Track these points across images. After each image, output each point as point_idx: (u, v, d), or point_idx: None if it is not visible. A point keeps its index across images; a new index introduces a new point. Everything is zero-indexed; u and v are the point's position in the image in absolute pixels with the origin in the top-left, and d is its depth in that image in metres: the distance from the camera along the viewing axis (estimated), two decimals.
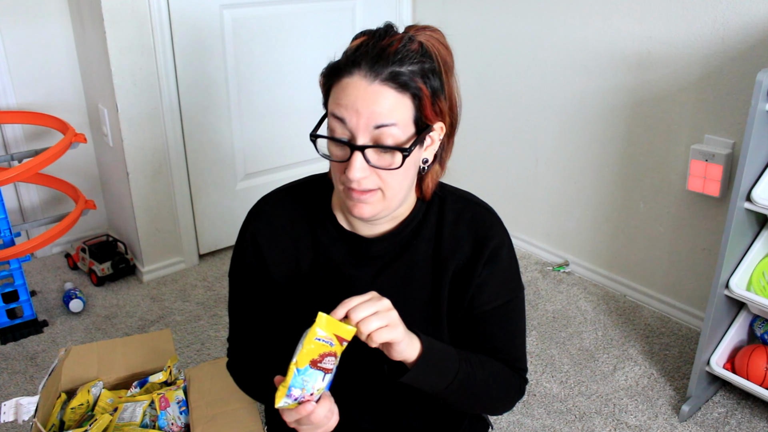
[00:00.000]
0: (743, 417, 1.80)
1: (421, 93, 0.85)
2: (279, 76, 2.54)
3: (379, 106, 0.83)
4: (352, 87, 0.84)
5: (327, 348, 0.79)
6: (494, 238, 0.97)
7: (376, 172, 0.86)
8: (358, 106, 0.83)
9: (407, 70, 0.84)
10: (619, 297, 2.36)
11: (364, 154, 0.84)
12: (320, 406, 0.82)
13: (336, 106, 0.85)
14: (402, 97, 0.84)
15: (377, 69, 0.83)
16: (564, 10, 2.27)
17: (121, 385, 1.38)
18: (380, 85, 0.83)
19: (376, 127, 0.83)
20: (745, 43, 1.83)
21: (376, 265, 0.98)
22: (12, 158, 2.29)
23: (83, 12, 2.27)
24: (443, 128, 0.92)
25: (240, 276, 1.05)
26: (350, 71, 0.84)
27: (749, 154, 1.54)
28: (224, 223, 2.60)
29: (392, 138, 0.84)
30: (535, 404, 1.85)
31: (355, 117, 0.83)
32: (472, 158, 2.76)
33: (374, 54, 0.84)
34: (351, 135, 0.85)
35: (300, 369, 0.78)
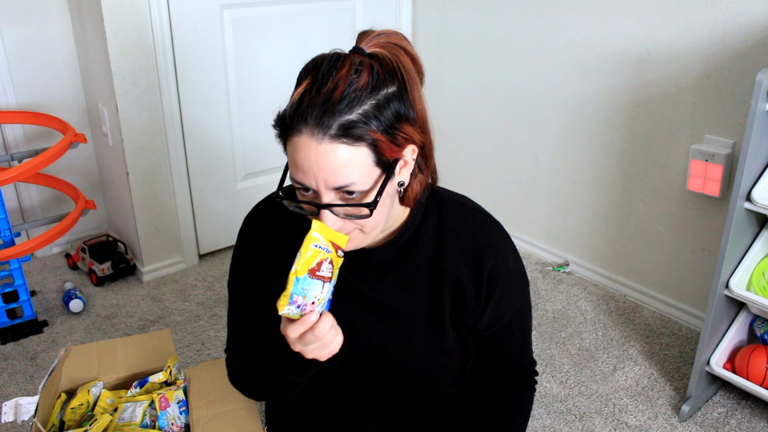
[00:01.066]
0: (743, 417, 1.80)
1: (376, 139, 0.79)
2: (279, 76, 2.54)
3: (331, 167, 0.78)
4: (303, 148, 0.79)
5: (324, 254, 0.79)
6: (493, 254, 0.94)
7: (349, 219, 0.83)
8: (314, 169, 0.79)
9: (357, 116, 0.78)
10: (619, 297, 2.36)
11: (332, 210, 0.81)
12: (323, 320, 0.80)
13: (293, 169, 0.82)
14: (357, 149, 0.78)
15: (324, 123, 0.77)
16: (564, 10, 2.27)
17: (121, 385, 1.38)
18: (330, 143, 0.77)
19: (336, 189, 0.80)
20: (745, 43, 1.83)
21: (377, 273, 0.96)
22: (12, 158, 2.29)
23: (83, 12, 2.27)
24: (415, 149, 0.86)
25: (240, 283, 1.03)
26: (298, 129, 0.79)
27: (749, 154, 1.54)
28: (224, 223, 2.60)
29: (355, 191, 0.81)
30: (535, 404, 1.85)
31: (313, 180, 0.80)
32: (472, 158, 2.76)
33: (319, 105, 0.78)
34: (314, 194, 0.82)
35: (299, 278, 0.77)
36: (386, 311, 0.97)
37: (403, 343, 0.98)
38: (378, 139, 0.79)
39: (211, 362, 1.38)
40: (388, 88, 0.81)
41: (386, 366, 1.00)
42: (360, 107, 0.78)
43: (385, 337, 0.98)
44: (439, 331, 0.97)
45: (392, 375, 1.00)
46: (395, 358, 0.99)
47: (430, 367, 0.99)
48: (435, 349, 0.98)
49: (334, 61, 0.81)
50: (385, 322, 0.97)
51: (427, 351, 0.98)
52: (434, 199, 0.97)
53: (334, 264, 0.80)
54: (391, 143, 0.81)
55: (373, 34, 0.85)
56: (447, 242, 0.95)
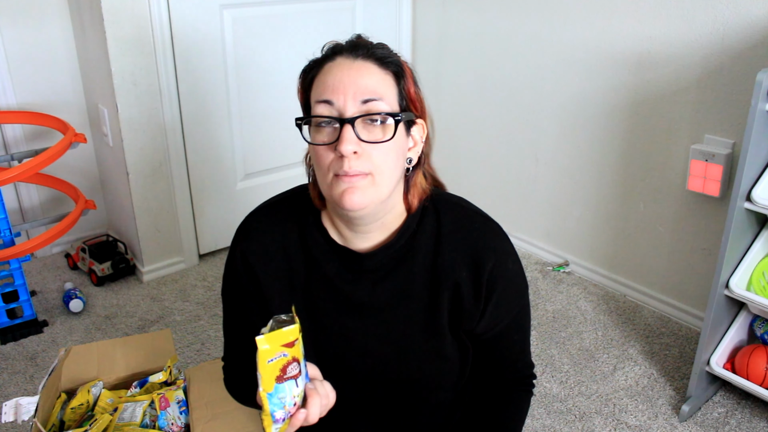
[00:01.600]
0: (743, 417, 1.80)
1: (403, 71, 0.89)
2: (279, 76, 2.54)
3: (364, 79, 0.85)
4: (336, 67, 0.86)
5: (282, 360, 0.77)
6: (492, 256, 0.94)
7: (366, 152, 0.84)
8: (345, 81, 0.85)
9: (384, 52, 0.89)
10: (619, 297, 2.36)
11: (354, 128, 0.83)
12: (311, 406, 0.80)
13: (321, 90, 0.86)
14: (385, 74, 0.87)
15: (357, 51, 0.87)
16: (564, 10, 2.27)
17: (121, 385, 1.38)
18: (363, 61, 0.86)
19: (364, 102, 0.84)
20: (745, 43, 1.83)
21: (372, 279, 0.95)
22: (12, 158, 2.29)
23: (83, 12, 2.27)
24: (424, 128, 0.93)
25: (233, 296, 1.02)
26: (332, 58, 0.88)
27: (749, 154, 1.54)
28: (224, 223, 2.60)
29: (382, 108, 0.85)
30: (535, 404, 1.85)
31: (342, 94, 0.84)
32: (472, 158, 2.76)
33: (352, 43, 0.89)
34: (339, 113, 0.85)
35: (270, 393, 0.77)
36: (382, 317, 0.96)
37: (400, 349, 0.97)
38: (406, 73, 0.89)
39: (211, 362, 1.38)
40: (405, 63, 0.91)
41: (383, 372, 0.99)
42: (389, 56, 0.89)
43: (382, 343, 0.97)
44: (436, 336, 0.96)
45: (389, 381, 0.99)
46: (392, 365, 0.98)
47: (428, 373, 0.98)
48: (432, 355, 0.97)
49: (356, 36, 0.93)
50: (381, 328, 0.96)
51: (424, 357, 0.97)
52: (431, 202, 0.96)
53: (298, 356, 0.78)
54: (414, 88, 0.90)
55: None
56: (445, 246, 0.94)
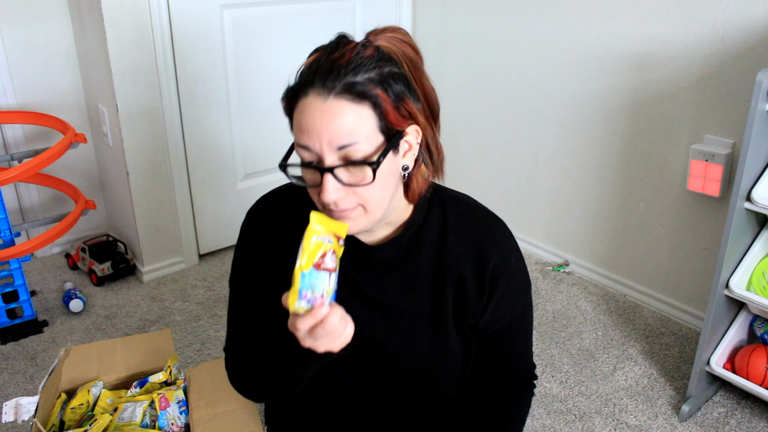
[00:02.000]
0: (743, 417, 1.80)
1: (380, 100, 0.81)
2: (279, 76, 2.53)
3: (336, 124, 0.79)
4: (308, 108, 0.81)
5: (326, 246, 0.79)
6: (496, 251, 0.95)
7: (351, 189, 0.83)
8: (318, 127, 0.80)
9: (363, 79, 0.80)
10: (619, 297, 2.36)
11: (334, 175, 0.81)
12: (332, 313, 0.80)
13: (298, 133, 0.83)
14: (360, 108, 0.80)
15: (330, 84, 0.80)
16: (564, 10, 2.27)
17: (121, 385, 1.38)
18: (335, 101, 0.79)
19: (340, 148, 0.80)
20: (745, 43, 1.83)
21: (378, 272, 0.96)
22: (12, 158, 2.29)
23: (83, 12, 2.27)
24: (419, 131, 0.87)
25: (241, 280, 1.02)
26: (305, 91, 0.81)
27: (749, 154, 1.54)
28: (224, 223, 2.60)
29: (360, 153, 0.81)
30: (535, 404, 1.85)
31: (317, 140, 0.80)
32: (472, 158, 2.76)
33: (326, 69, 0.80)
34: (318, 158, 0.82)
35: (305, 272, 0.77)
36: (389, 309, 0.97)
37: (405, 342, 0.98)
38: (382, 99, 0.81)
39: (211, 362, 1.38)
40: (393, 66, 0.83)
41: (387, 364, 0.99)
42: (365, 73, 0.80)
43: (388, 335, 0.98)
44: (441, 329, 0.97)
45: (393, 374, 1.00)
46: (397, 357, 0.99)
47: (432, 367, 0.99)
48: (437, 348, 0.98)
49: (341, 38, 0.85)
50: (387, 321, 0.97)
51: (429, 350, 0.98)
52: (437, 197, 0.97)
53: (336, 254, 0.81)
54: (395, 109, 0.83)
55: (377, 31, 0.87)
56: (450, 240, 0.95)
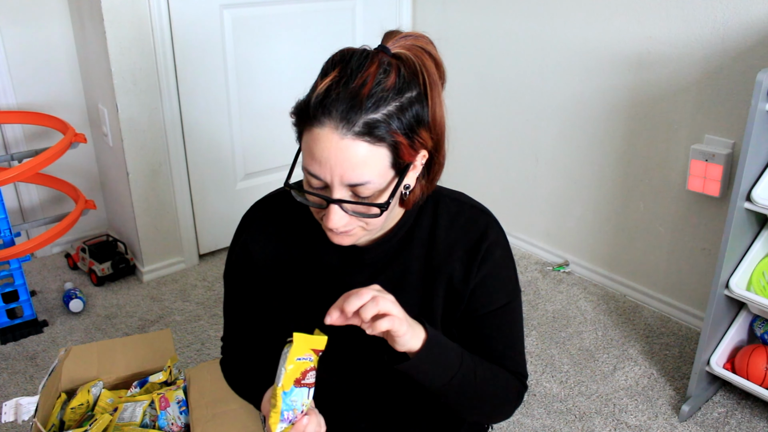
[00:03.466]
0: (743, 417, 1.80)
1: (398, 141, 0.80)
2: (279, 76, 2.54)
3: (350, 163, 0.78)
4: (323, 140, 0.78)
5: (307, 364, 0.80)
6: (487, 239, 0.95)
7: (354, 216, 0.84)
8: (331, 163, 0.79)
9: (382, 116, 0.78)
10: (619, 297, 2.36)
11: (341, 206, 0.82)
12: (310, 423, 0.83)
13: (309, 160, 0.81)
14: (377, 148, 0.79)
15: (350, 119, 0.77)
16: (564, 10, 2.27)
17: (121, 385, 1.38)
18: (352, 140, 0.77)
19: (351, 186, 0.80)
20: (745, 43, 1.83)
21: (370, 271, 0.97)
22: (12, 158, 2.29)
23: (83, 12, 2.27)
24: (425, 155, 0.87)
25: (234, 282, 1.05)
26: (320, 120, 0.78)
27: (749, 154, 1.54)
28: (224, 223, 2.60)
29: (369, 191, 0.81)
30: (535, 404, 1.85)
31: (329, 174, 0.80)
32: (472, 158, 2.76)
33: (346, 100, 0.77)
34: (325, 186, 0.82)
35: (286, 392, 0.79)
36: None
37: None
38: (399, 141, 0.80)
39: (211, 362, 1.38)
40: (412, 91, 0.81)
41: (376, 365, 0.99)
42: (385, 108, 0.78)
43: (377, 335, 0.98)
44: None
45: (384, 373, 1.00)
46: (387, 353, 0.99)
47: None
48: None
49: (363, 58, 0.80)
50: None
51: None
52: (430, 197, 0.97)
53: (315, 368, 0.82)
54: (410, 147, 0.82)
55: (399, 35, 0.85)
56: (440, 239, 0.96)
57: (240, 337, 1.09)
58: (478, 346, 0.99)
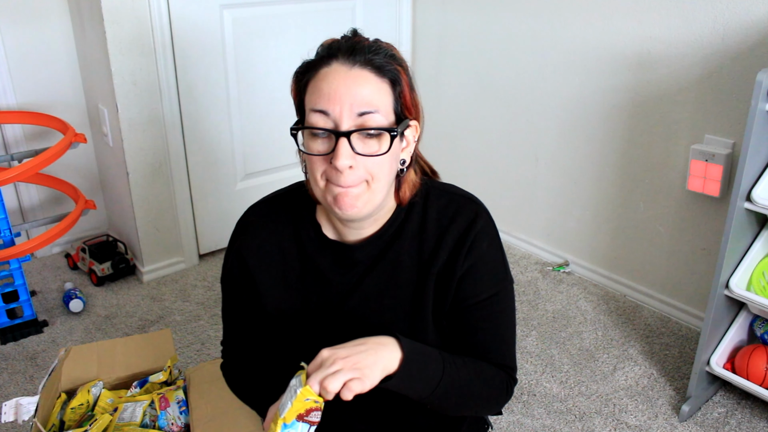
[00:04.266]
0: (743, 417, 1.80)
1: (400, 77, 0.87)
2: (279, 76, 2.54)
3: (360, 90, 0.83)
4: (332, 74, 0.84)
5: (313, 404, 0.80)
6: (474, 228, 0.95)
7: (361, 162, 0.85)
8: (341, 92, 0.83)
9: (382, 58, 0.86)
10: (619, 297, 2.36)
11: (350, 140, 0.83)
12: None
13: (316, 98, 0.85)
14: (381, 82, 0.85)
15: (354, 57, 0.85)
16: (564, 10, 2.27)
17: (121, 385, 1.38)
18: (360, 69, 0.84)
19: (360, 115, 0.83)
20: (745, 43, 1.83)
21: (362, 269, 0.97)
22: (12, 158, 2.29)
23: (83, 12, 2.27)
24: (417, 129, 0.92)
25: (229, 288, 1.06)
26: (327, 62, 0.86)
27: (749, 154, 1.54)
28: (224, 223, 2.60)
29: (376, 123, 0.84)
30: (535, 404, 1.85)
31: (338, 104, 0.83)
32: (472, 158, 2.76)
33: (348, 46, 0.86)
34: (334, 124, 0.84)
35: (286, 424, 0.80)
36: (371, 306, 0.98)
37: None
38: (402, 79, 0.87)
39: (211, 362, 1.38)
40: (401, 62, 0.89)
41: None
42: (383, 55, 0.86)
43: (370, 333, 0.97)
44: (420, 323, 0.97)
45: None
46: None
47: None
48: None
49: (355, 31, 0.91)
50: (370, 318, 0.98)
51: None
52: (422, 191, 0.98)
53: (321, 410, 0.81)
54: (410, 93, 0.89)
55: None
56: (429, 232, 0.96)
57: (239, 340, 1.10)
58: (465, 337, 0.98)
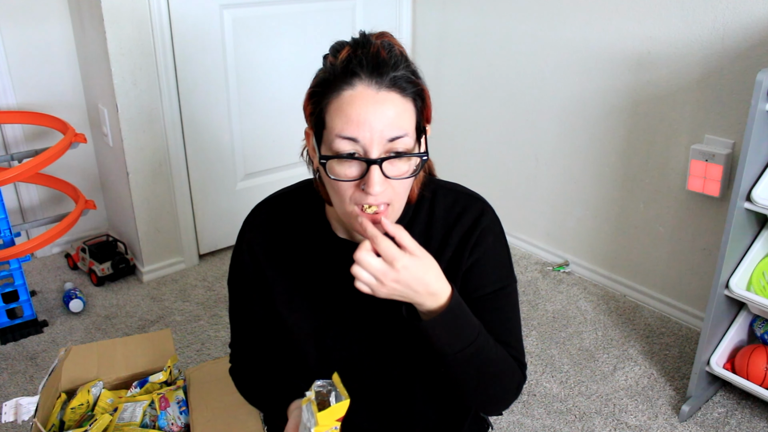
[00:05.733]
0: (743, 417, 1.80)
1: (423, 94, 0.84)
2: (279, 76, 2.54)
3: (389, 115, 0.80)
4: (358, 99, 0.80)
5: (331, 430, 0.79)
6: (480, 225, 0.95)
7: (390, 184, 0.83)
8: (370, 119, 0.79)
9: (403, 74, 0.82)
10: (619, 297, 2.36)
11: (381, 167, 0.81)
12: None
13: (344, 124, 0.80)
14: (406, 102, 0.82)
15: (378, 76, 0.80)
16: (564, 10, 2.27)
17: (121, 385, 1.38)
18: (387, 92, 0.80)
19: (390, 140, 0.80)
20: (745, 43, 1.83)
21: None
22: (12, 158, 2.29)
23: (83, 12, 2.27)
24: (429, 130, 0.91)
25: (239, 286, 1.05)
26: (350, 82, 0.80)
27: (749, 154, 1.54)
28: (224, 223, 2.60)
29: (404, 146, 0.82)
30: (535, 404, 1.85)
31: (369, 131, 0.79)
32: (472, 158, 2.76)
33: (370, 60, 0.80)
34: (363, 151, 0.81)
35: None
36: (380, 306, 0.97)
37: (396, 339, 0.98)
38: (424, 93, 0.85)
39: (211, 362, 1.38)
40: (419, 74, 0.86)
41: (379, 362, 1.00)
42: (403, 70, 0.82)
43: (379, 333, 0.98)
44: None
45: (385, 371, 1.01)
46: (388, 355, 0.99)
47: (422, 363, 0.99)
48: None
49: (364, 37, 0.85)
50: (381, 318, 0.98)
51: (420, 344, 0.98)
52: (428, 190, 0.98)
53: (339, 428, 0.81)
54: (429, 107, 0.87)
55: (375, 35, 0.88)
56: (436, 230, 0.96)
57: (248, 341, 1.09)
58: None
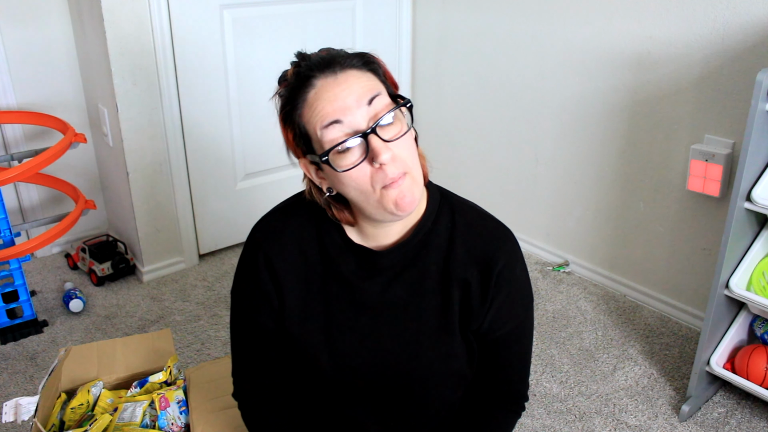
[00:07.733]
0: (743, 417, 1.80)
1: (377, 63, 0.89)
2: (279, 76, 2.53)
3: (356, 84, 0.84)
4: (323, 89, 0.85)
5: None
6: (502, 258, 0.95)
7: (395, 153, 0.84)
8: (343, 95, 0.84)
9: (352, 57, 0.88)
10: (619, 297, 2.36)
11: (377, 134, 0.83)
12: None
13: (322, 115, 0.84)
14: (365, 73, 0.87)
15: (331, 67, 0.86)
16: (564, 10, 2.27)
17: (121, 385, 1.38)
18: (344, 73, 0.85)
19: (369, 102, 0.84)
20: (745, 43, 1.83)
21: (387, 276, 0.96)
22: (12, 158, 2.29)
23: (83, 12, 2.27)
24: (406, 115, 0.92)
25: (249, 299, 1.01)
26: (310, 84, 0.87)
27: (749, 154, 1.54)
28: (224, 223, 2.60)
29: (382, 105, 0.85)
30: (535, 404, 1.85)
31: (344, 107, 0.83)
32: (472, 158, 2.76)
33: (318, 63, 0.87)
34: (352, 129, 0.84)
35: None
36: (396, 314, 0.97)
37: (412, 346, 0.97)
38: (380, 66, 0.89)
39: (211, 362, 1.38)
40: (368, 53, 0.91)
41: (394, 369, 0.99)
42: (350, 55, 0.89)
43: (394, 340, 0.98)
44: (447, 334, 0.97)
45: (399, 379, 1.00)
46: (403, 362, 0.98)
47: (437, 371, 0.99)
48: (443, 353, 0.98)
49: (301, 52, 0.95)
50: (394, 325, 0.97)
51: (435, 354, 0.98)
52: (447, 203, 0.98)
53: None
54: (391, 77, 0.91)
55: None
56: (458, 244, 0.96)
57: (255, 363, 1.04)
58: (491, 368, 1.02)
